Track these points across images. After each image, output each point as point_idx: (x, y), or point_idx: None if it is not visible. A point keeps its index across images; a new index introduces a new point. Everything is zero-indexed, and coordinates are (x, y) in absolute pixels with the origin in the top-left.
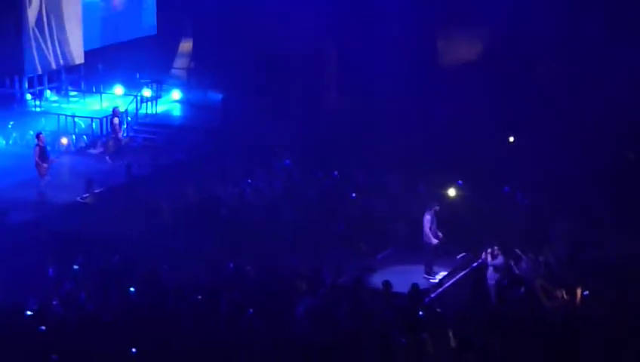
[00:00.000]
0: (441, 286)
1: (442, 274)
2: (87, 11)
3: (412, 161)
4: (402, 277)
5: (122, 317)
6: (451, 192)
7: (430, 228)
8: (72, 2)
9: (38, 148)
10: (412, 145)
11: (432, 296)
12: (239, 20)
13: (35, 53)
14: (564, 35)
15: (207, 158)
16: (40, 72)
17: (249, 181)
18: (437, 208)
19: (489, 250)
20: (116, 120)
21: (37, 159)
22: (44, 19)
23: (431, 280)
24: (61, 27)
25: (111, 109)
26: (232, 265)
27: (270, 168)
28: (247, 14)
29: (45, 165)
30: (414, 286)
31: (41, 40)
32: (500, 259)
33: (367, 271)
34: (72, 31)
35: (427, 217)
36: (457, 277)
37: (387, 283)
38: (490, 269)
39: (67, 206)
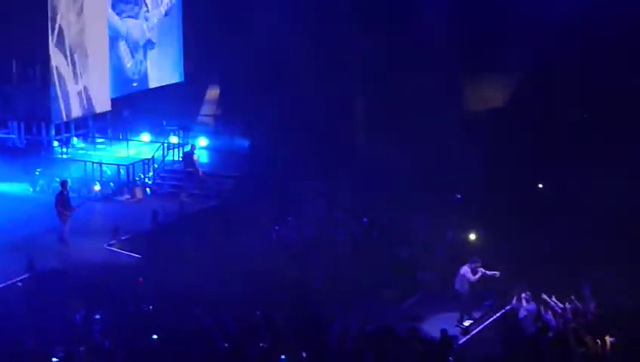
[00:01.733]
0: (470, 333)
1: (471, 321)
2: (114, 59)
3: (439, 207)
4: (430, 324)
5: None
6: (472, 236)
7: (469, 281)
8: (99, 50)
9: (61, 195)
10: (439, 191)
11: (462, 341)
12: (265, 67)
13: (61, 100)
14: (590, 80)
15: (234, 205)
16: (67, 120)
17: (276, 228)
18: (477, 264)
19: (521, 295)
20: (195, 156)
21: (59, 207)
22: (71, 66)
23: (461, 327)
24: (88, 75)
25: (189, 146)
26: (259, 312)
27: (299, 214)
28: (273, 61)
29: (68, 213)
30: (444, 332)
31: (68, 87)
32: (531, 305)
33: (394, 318)
34: (99, 78)
35: (466, 269)
36: (487, 322)
37: (414, 330)
38: (522, 315)
39: (94, 252)
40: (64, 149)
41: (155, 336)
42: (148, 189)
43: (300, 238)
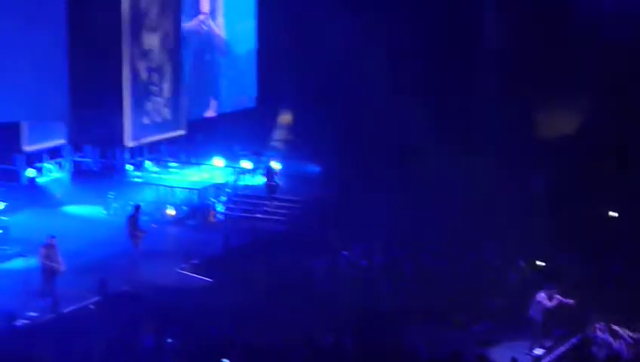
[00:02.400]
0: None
1: (543, 349)
2: (187, 84)
3: (511, 233)
4: (500, 352)
5: None
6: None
7: (544, 308)
8: (173, 74)
9: (133, 218)
10: (510, 217)
11: None
12: (337, 93)
13: (135, 124)
14: None
15: (304, 230)
16: (140, 144)
17: (345, 253)
18: (554, 291)
19: (595, 326)
20: (276, 166)
21: (131, 229)
22: (146, 91)
23: (532, 356)
24: (162, 99)
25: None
26: (330, 338)
27: (367, 241)
28: (345, 87)
29: (139, 235)
30: (514, 360)
31: (142, 111)
32: (605, 335)
33: (463, 345)
34: (173, 103)
35: (542, 295)
36: (558, 352)
37: (483, 357)
38: (595, 345)
39: (166, 276)
40: (137, 173)
41: (225, 360)
42: (219, 214)
43: (369, 264)
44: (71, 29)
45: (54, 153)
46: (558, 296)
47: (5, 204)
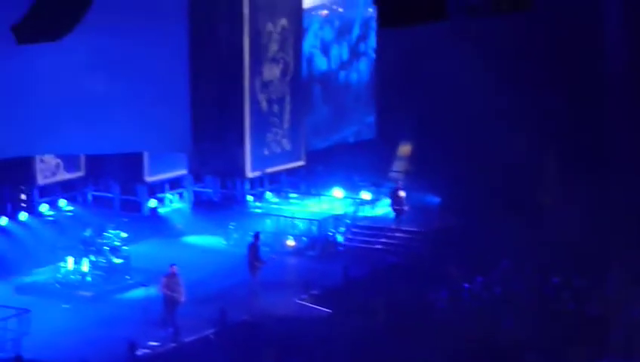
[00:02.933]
0: None
1: None
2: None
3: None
4: None
5: None
6: None
7: None
8: (293, 105)
9: (253, 247)
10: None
11: None
12: (457, 124)
13: (256, 155)
14: None
15: (424, 262)
16: (261, 175)
17: (466, 285)
18: None
19: None
20: (402, 193)
21: (251, 258)
22: (266, 122)
23: None
24: (282, 130)
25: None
26: None
27: (488, 273)
28: (466, 119)
29: (258, 265)
30: None
31: (262, 143)
32: None
33: None
34: (293, 134)
35: None
36: None
37: None
38: None
39: (285, 306)
40: (258, 203)
41: None
42: (339, 245)
43: (490, 296)
44: (193, 61)
45: (175, 184)
46: None
47: (127, 234)
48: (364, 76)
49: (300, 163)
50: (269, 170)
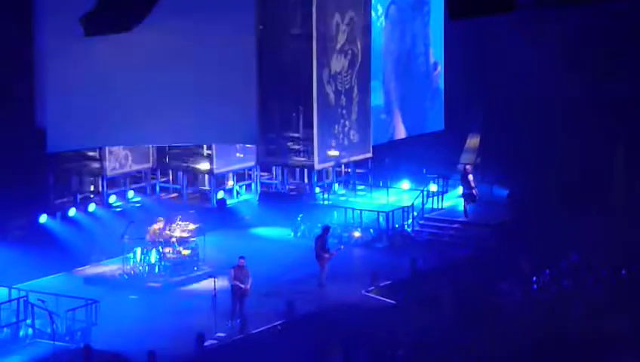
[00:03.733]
0: None
1: None
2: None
3: None
4: None
5: None
6: None
7: None
8: (360, 96)
9: (321, 239)
10: None
11: None
12: (525, 115)
13: (324, 147)
14: None
15: (492, 254)
16: (329, 167)
17: (534, 278)
18: None
19: None
20: (470, 176)
21: (319, 250)
22: (334, 114)
23: None
24: (350, 122)
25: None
26: None
27: (558, 265)
28: (534, 109)
29: (326, 257)
30: None
31: (330, 134)
32: None
33: None
34: (361, 126)
35: None
36: None
37: None
38: None
39: (352, 298)
40: (325, 195)
41: None
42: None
43: (559, 290)
44: (261, 53)
45: (243, 175)
46: None
47: (195, 226)
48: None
49: (368, 155)
50: (338, 162)
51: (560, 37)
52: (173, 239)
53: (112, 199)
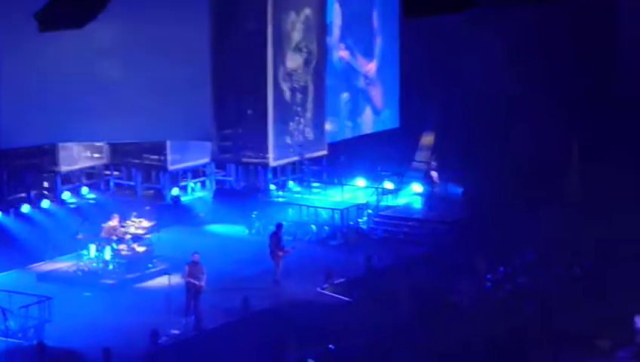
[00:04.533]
0: None
1: None
2: (332, 104)
3: None
4: None
5: None
6: None
7: None
8: (316, 94)
9: (275, 236)
10: None
11: None
12: (480, 114)
13: (278, 144)
14: None
15: (447, 252)
16: (283, 163)
17: (489, 276)
18: None
19: None
20: (434, 173)
21: (273, 248)
22: (290, 111)
23: None
24: (305, 119)
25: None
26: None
27: (512, 263)
28: (488, 107)
29: (280, 254)
30: None
31: (285, 132)
32: None
33: None
34: (316, 123)
35: None
36: None
37: None
38: None
39: (306, 295)
40: (280, 193)
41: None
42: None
43: (513, 287)
44: (216, 50)
45: (198, 172)
46: None
47: (150, 222)
48: (390, 67)
49: (323, 152)
50: (292, 159)
51: (515, 35)
52: (128, 236)
53: (66, 195)
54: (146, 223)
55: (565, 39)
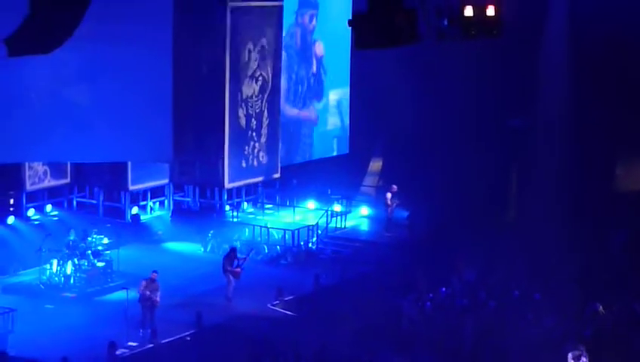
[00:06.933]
0: None
1: None
2: (285, 130)
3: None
4: None
5: None
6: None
7: None
8: (270, 120)
9: (228, 257)
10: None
11: None
12: (427, 140)
13: (234, 167)
14: None
15: (391, 272)
16: (238, 186)
17: (431, 296)
18: (581, 352)
19: None
20: (389, 195)
21: (226, 266)
22: (245, 136)
23: None
24: (259, 144)
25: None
26: None
27: (452, 284)
28: (434, 134)
29: (234, 273)
30: None
31: (240, 155)
32: None
33: None
34: (270, 148)
35: (569, 357)
36: None
37: None
38: None
39: (257, 311)
40: (235, 213)
41: None
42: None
43: (453, 308)
44: (176, 77)
45: (157, 192)
46: (585, 359)
47: (110, 239)
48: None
49: (276, 175)
50: (246, 181)
51: (460, 68)
52: (89, 251)
53: (31, 212)
54: (105, 240)
55: (508, 74)
